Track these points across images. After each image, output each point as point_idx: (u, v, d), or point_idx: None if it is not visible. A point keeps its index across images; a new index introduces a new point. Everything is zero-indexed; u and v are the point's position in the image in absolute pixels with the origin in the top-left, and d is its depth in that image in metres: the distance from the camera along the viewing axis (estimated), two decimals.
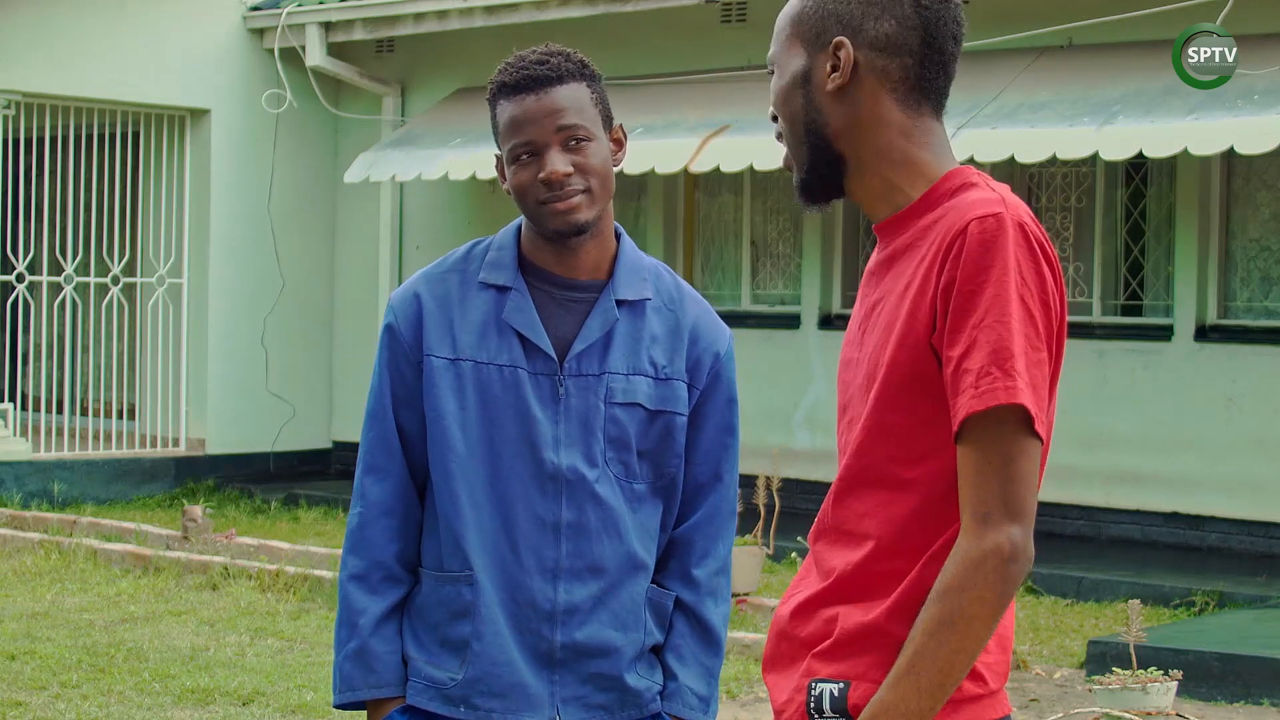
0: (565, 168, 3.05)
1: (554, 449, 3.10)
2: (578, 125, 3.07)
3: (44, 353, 15.20)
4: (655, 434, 3.15)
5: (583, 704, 3.13)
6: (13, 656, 8.11)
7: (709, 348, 3.21)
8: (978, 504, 2.30)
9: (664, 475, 3.18)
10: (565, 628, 3.11)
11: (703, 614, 3.21)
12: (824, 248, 12.60)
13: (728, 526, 3.25)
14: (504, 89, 3.11)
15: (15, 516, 12.09)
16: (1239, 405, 10.76)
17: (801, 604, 2.48)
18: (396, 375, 3.16)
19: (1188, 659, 7.68)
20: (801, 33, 2.49)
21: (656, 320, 3.18)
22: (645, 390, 3.14)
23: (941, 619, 2.29)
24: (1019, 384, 2.29)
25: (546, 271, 3.15)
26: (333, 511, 13.03)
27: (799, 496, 11.03)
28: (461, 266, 3.19)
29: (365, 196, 14.53)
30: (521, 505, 3.10)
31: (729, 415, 3.23)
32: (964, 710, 2.36)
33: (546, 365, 3.11)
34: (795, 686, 2.44)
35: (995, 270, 2.31)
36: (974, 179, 2.44)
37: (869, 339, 2.46)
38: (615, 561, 3.13)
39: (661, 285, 3.21)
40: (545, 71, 3.08)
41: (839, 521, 2.45)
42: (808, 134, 2.49)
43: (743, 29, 12.57)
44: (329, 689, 7.57)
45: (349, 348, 14.78)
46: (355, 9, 13.92)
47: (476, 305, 3.14)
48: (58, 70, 13.47)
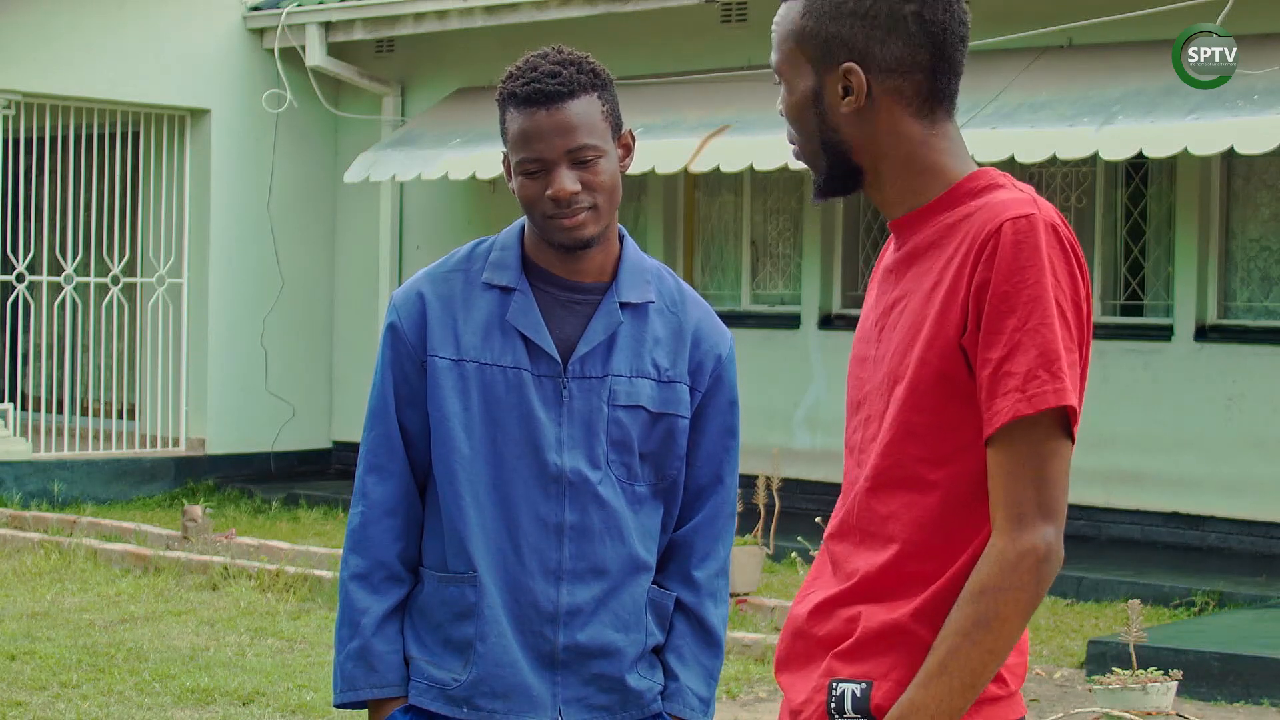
0: (573, 186, 3.04)
1: (557, 451, 3.10)
2: (587, 145, 3.05)
3: (44, 353, 15.20)
4: (657, 436, 3.15)
5: (585, 705, 3.14)
6: (13, 656, 8.11)
7: (711, 350, 3.21)
8: (1012, 504, 2.30)
9: (665, 477, 3.18)
10: (567, 629, 3.11)
11: (703, 615, 3.22)
12: (824, 248, 12.60)
13: (728, 528, 3.26)
14: (514, 99, 3.08)
15: (15, 516, 12.10)
16: (1239, 405, 10.76)
17: (821, 604, 2.46)
18: (399, 374, 3.15)
19: (1188, 659, 7.68)
20: (806, 51, 2.46)
21: (659, 323, 3.18)
22: (648, 393, 3.15)
23: (976, 619, 2.28)
24: (1066, 385, 2.29)
25: (550, 273, 3.15)
26: (333, 511, 13.03)
27: (799, 496, 11.03)
28: (465, 266, 3.18)
29: (365, 196, 14.53)
30: (524, 507, 3.10)
31: (730, 418, 3.24)
32: (984, 710, 2.36)
33: (550, 367, 3.11)
34: (814, 686, 2.42)
35: (1032, 272, 2.31)
36: (1000, 180, 2.44)
37: (890, 337, 2.45)
38: (617, 563, 3.13)
39: (664, 288, 3.21)
40: (556, 86, 3.05)
41: (863, 523, 2.44)
42: (825, 148, 2.48)
43: (743, 29, 12.57)
44: (329, 689, 7.57)
45: (349, 348, 14.78)
46: (355, 9, 13.92)
47: (480, 306, 3.14)
48: (58, 70, 13.47)
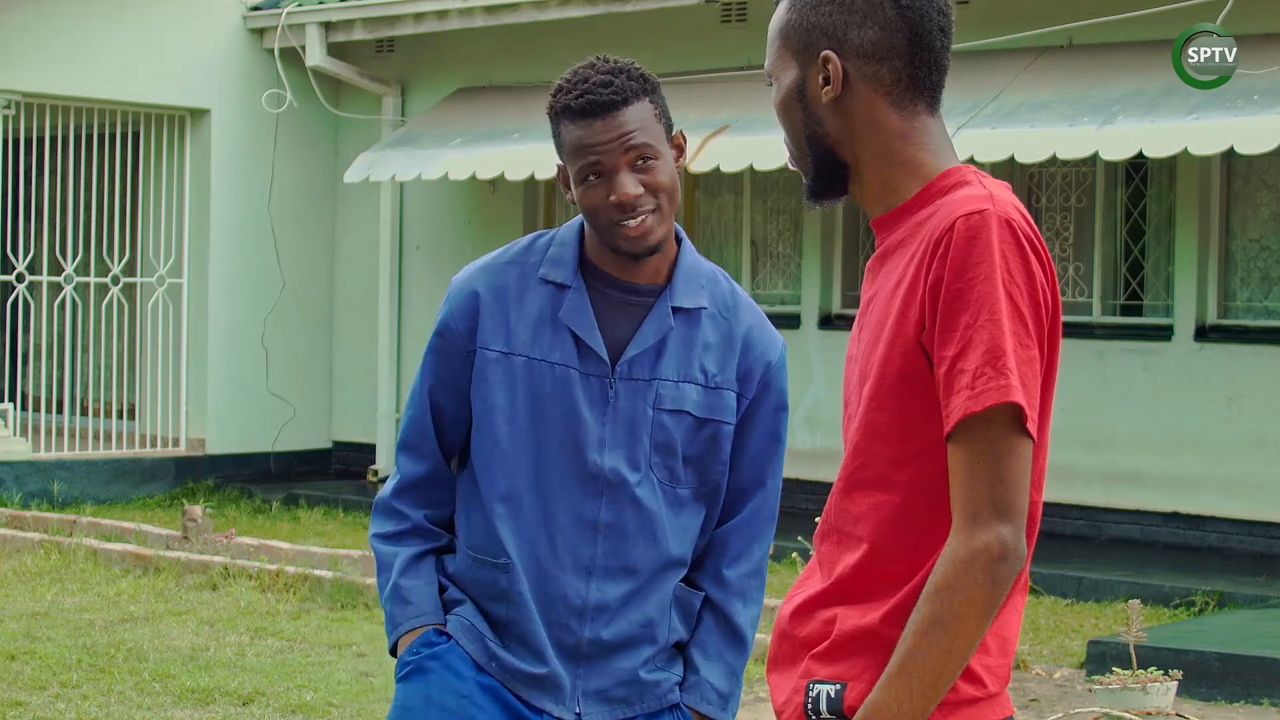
0: (636, 189, 3.08)
1: (598, 450, 3.13)
2: (645, 145, 3.10)
3: (44, 353, 15.20)
4: (702, 441, 3.18)
5: (604, 698, 3.17)
6: (13, 656, 8.11)
7: (761, 357, 3.23)
8: (967, 504, 2.30)
9: (708, 481, 3.21)
10: (593, 624, 3.15)
11: (729, 613, 3.24)
12: (824, 248, 12.60)
13: (766, 531, 3.28)
14: (568, 111, 3.12)
15: (15, 516, 12.09)
16: (1239, 405, 10.76)
17: (801, 605, 2.48)
18: (444, 362, 3.21)
19: (1188, 659, 7.68)
20: (790, 45, 2.49)
21: (710, 328, 3.20)
22: (694, 398, 3.17)
23: (932, 619, 2.29)
24: (1012, 381, 2.29)
25: (606, 273, 3.18)
26: (333, 511, 13.03)
27: (799, 496, 11.03)
28: (522, 259, 3.22)
29: (365, 196, 14.53)
30: (562, 502, 3.14)
31: (777, 423, 3.26)
32: (960, 712, 2.36)
33: (598, 367, 3.15)
34: (794, 687, 2.44)
35: (983, 268, 2.31)
36: (969, 177, 2.43)
37: (864, 336, 2.47)
38: (649, 564, 3.16)
39: (717, 292, 3.24)
40: (610, 95, 3.09)
41: (839, 523, 2.46)
42: (810, 145, 2.49)
43: (743, 29, 12.57)
44: (329, 689, 7.57)
45: (349, 348, 14.78)
46: (355, 9, 13.91)
47: (533, 300, 3.17)
48: (58, 70, 13.47)
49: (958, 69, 2.53)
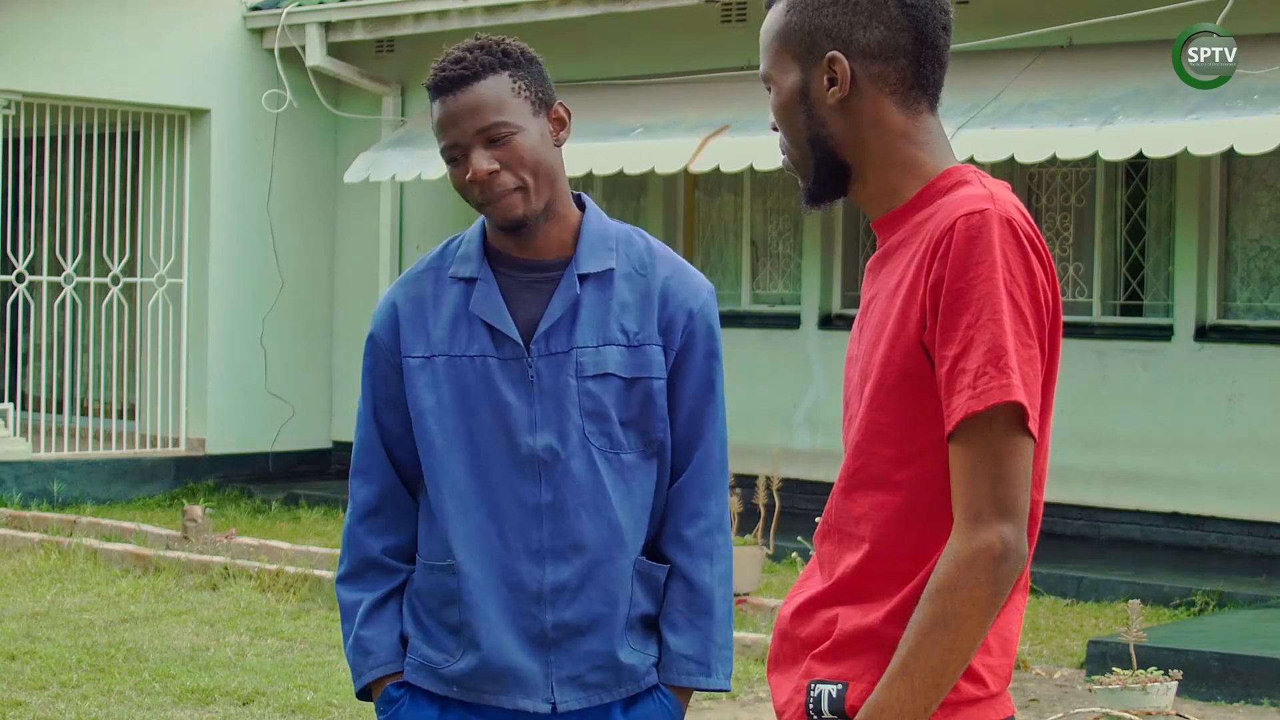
0: (489, 165, 3.08)
1: (530, 432, 3.13)
2: (495, 123, 3.08)
3: (44, 353, 15.20)
4: (636, 401, 3.16)
5: (579, 684, 3.16)
6: (13, 656, 8.12)
7: (681, 306, 3.19)
8: (969, 503, 2.30)
9: (652, 442, 3.18)
10: (555, 608, 3.14)
11: (693, 576, 3.20)
12: (824, 248, 12.60)
13: (718, 483, 3.23)
14: (430, 91, 3.15)
15: (15, 516, 12.10)
16: (1239, 405, 10.76)
17: (802, 605, 2.48)
18: (380, 379, 3.22)
19: (1188, 659, 7.68)
20: (791, 48, 2.48)
21: (626, 287, 3.18)
22: (617, 359, 3.15)
23: (934, 619, 2.28)
24: (1014, 381, 2.28)
25: (510, 256, 3.19)
26: (333, 511, 13.03)
27: (799, 496, 11.03)
28: (436, 264, 3.24)
29: (365, 196, 14.53)
30: (505, 491, 3.13)
31: (708, 371, 3.22)
32: (962, 712, 2.35)
33: (514, 350, 3.14)
34: (795, 687, 2.44)
35: (984, 267, 2.31)
36: (969, 176, 2.43)
37: (864, 336, 2.47)
38: (596, 537, 3.14)
39: (632, 251, 3.21)
40: (460, 70, 3.09)
41: (840, 523, 2.46)
42: (813, 147, 2.49)
43: (743, 29, 12.57)
44: (329, 689, 7.57)
45: (349, 348, 14.77)
46: (355, 9, 13.92)
47: (447, 301, 3.19)
48: (58, 70, 13.47)
49: (958, 69, 2.53)
